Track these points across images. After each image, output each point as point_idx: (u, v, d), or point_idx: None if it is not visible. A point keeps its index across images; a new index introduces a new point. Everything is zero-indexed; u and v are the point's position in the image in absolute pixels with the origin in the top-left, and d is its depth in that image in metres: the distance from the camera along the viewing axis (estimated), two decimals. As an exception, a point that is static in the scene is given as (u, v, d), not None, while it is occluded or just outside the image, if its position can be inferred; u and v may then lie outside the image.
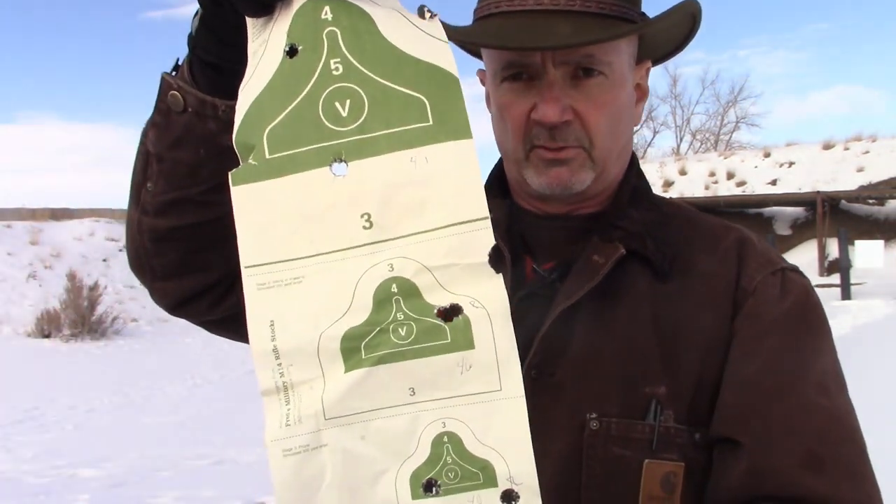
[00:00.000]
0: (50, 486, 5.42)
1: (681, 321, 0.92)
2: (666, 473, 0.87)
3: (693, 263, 0.96)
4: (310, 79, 0.65)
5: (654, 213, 1.00)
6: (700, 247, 0.97)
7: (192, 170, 0.82)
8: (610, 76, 0.92)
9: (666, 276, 0.94)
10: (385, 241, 0.63)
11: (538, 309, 0.93)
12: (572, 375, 0.90)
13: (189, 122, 0.81)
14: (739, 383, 0.89)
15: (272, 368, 0.64)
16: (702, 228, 1.00)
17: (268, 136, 0.64)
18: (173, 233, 0.87)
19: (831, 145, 25.63)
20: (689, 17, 0.98)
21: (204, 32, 0.78)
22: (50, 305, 13.92)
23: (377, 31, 0.66)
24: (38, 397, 8.70)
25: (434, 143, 0.64)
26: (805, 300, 0.94)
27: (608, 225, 0.97)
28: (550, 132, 0.91)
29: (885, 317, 12.91)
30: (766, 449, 0.85)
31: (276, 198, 0.64)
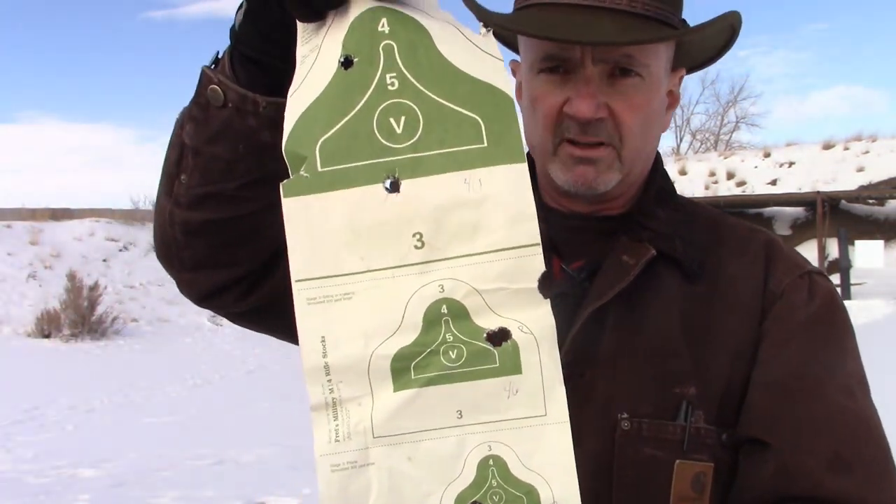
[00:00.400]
0: (50, 486, 5.42)
1: (710, 323, 0.92)
2: (696, 474, 0.88)
3: (721, 266, 0.96)
4: (365, 92, 0.64)
5: (680, 213, 1.00)
6: (727, 249, 0.98)
7: (229, 165, 0.81)
8: (646, 78, 0.92)
9: (695, 277, 0.94)
10: (436, 262, 0.63)
11: (567, 309, 0.93)
12: (603, 376, 0.90)
13: (229, 117, 0.79)
14: (767, 385, 0.90)
15: (322, 384, 0.64)
16: (728, 230, 1.01)
17: (320, 149, 0.64)
18: (205, 226, 0.85)
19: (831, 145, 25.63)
20: (728, 28, 0.97)
21: (248, 27, 0.76)
22: (50, 305, 13.91)
23: (433, 47, 0.65)
24: (38, 397, 8.70)
25: (488, 165, 0.64)
26: (831, 303, 0.95)
27: (636, 225, 0.97)
28: (582, 127, 0.91)
29: (885, 317, 12.91)
30: (793, 450, 0.86)
31: (327, 212, 0.63)
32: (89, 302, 13.85)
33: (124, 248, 18.22)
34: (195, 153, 0.82)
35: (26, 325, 13.86)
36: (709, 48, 1.02)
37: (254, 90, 0.78)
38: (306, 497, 5.17)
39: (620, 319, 0.92)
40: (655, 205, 1.00)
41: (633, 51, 0.90)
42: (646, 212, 0.99)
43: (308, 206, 0.63)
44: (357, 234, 0.63)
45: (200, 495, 5.19)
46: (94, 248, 17.72)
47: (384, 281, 0.63)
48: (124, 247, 18.24)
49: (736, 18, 0.94)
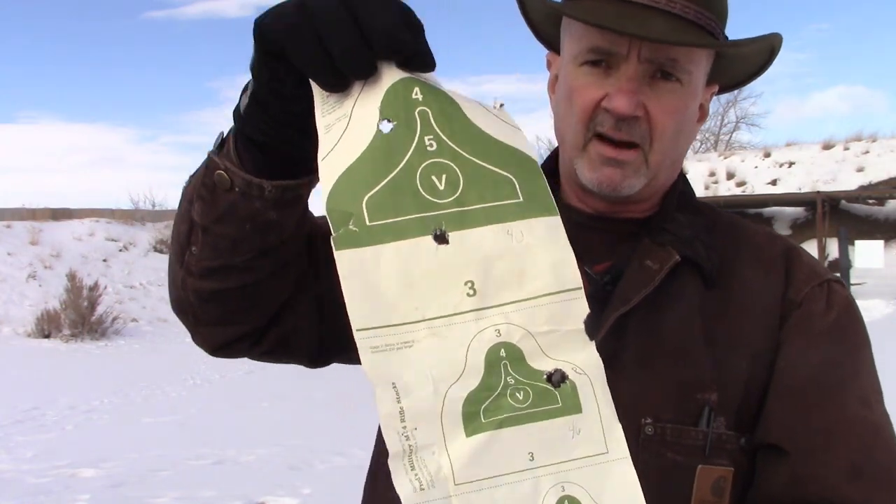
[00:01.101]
0: (50, 486, 5.42)
1: (730, 330, 0.93)
2: (717, 479, 0.89)
3: (740, 272, 0.97)
4: (405, 153, 0.67)
5: (700, 218, 1.01)
6: (747, 255, 0.98)
7: (236, 242, 0.84)
8: (686, 85, 0.92)
9: (714, 282, 0.95)
10: (489, 308, 0.65)
11: (592, 313, 0.93)
12: (626, 381, 0.90)
13: (235, 200, 0.80)
14: (786, 393, 0.91)
15: (398, 431, 0.65)
16: (747, 236, 1.01)
17: (367, 204, 0.65)
18: (215, 294, 0.89)
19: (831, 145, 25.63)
20: (767, 50, 0.97)
21: (254, 109, 0.75)
22: (50, 305, 13.92)
23: (463, 114, 0.69)
24: (38, 397, 8.70)
25: (527, 218, 0.68)
26: (849, 312, 0.96)
27: (659, 229, 0.98)
28: (617, 123, 0.91)
29: (885, 317, 12.92)
30: (809, 458, 0.87)
31: (380, 263, 0.64)
32: (89, 302, 13.85)
33: (124, 248, 18.22)
34: (204, 230, 0.85)
35: (26, 325, 13.87)
36: (746, 67, 1.02)
37: (259, 175, 0.79)
38: (306, 497, 5.17)
39: (643, 324, 0.92)
40: (677, 209, 1.00)
41: (679, 55, 0.90)
42: (666, 216, 0.99)
43: (362, 258, 0.64)
44: (411, 284, 0.64)
45: (200, 495, 5.19)
46: (94, 248, 17.72)
47: (442, 329, 0.64)
48: (124, 247, 18.24)
49: (778, 41, 0.95)
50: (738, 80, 1.05)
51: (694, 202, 1.03)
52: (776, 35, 0.94)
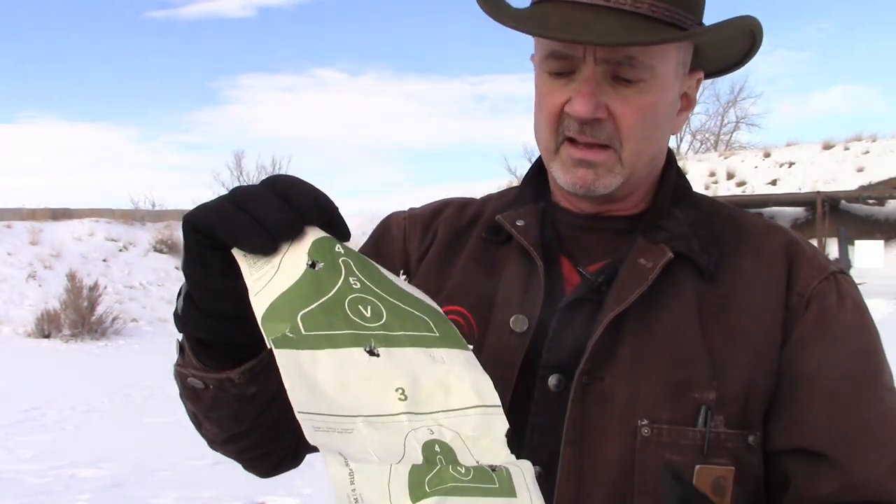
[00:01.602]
0: (50, 486, 5.42)
1: (729, 326, 0.92)
2: (716, 478, 0.88)
3: (739, 265, 0.95)
4: (334, 285, 0.74)
5: (698, 211, 1.00)
6: (746, 248, 0.97)
7: (234, 417, 0.91)
8: (650, 80, 0.90)
9: (711, 277, 0.94)
10: (420, 414, 0.70)
11: (587, 314, 0.93)
12: (622, 382, 0.90)
13: (215, 394, 0.88)
14: (819, 393, 0.89)
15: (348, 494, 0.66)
16: (746, 228, 1.00)
17: (301, 319, 0.71)
18: (242, 449, 0.99)
19: (831, 145, 25.64)
20: (746, 35, 0.95)
21: (190, 309, 0.82)
22: (50, 305, 13.92)
23: (379, 270, 0.79)
24: (38, 397, 8.70)
25: (445, 347, 0.76)
26: (859, 304, 0.95)
27: (652, 225, 0.97)
28: (581, 126, 0.91)
29: (885, 317, 12.93)
30: (853, 460, 0.87)
31: (316, 365, 0.69)
32: (89, 302, 13.86)
33: (124, 248, 18.22)
34: (204, 417, 0.94)
35: (26, 325, 13.87)
36: (729, 54, 1.00)
37: (223, 368, 0.85)
38: (306, 497, 5.17)
39: (639, 324, 0.91)
40: (672, 203, 0.99)
41: (636, 52, 0.88)
42: (661, 211, 0.98)
43: (298, 358, 0.69)
44: (345, 385, 0.69)
45: (200, 495, 5.19)
46: (94, 248, 17.72)
47: (378, 424, 0.68)
48: (124, 247, 18.24)
49: (753, 24, 0.93)
50: (722, 66, 1.04)
51: (692, 195, 1.02)
52: (747, 18, 0.92)
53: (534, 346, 0.93)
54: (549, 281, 0.96)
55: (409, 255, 1.08)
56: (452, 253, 1.05)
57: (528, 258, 0.98)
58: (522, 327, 0.94)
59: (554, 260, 0.99)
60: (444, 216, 1.10)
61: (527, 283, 0.97)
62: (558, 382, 0.91)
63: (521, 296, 0.96)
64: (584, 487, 0.88)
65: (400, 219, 1.12)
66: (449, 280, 1.02)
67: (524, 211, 1.03)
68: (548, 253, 0.98)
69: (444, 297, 0.99)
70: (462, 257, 1.04)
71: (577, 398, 0.89)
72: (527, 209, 1.03)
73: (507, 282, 0.99)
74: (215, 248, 0.76)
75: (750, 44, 0.97)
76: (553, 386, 0.91)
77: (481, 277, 1.01)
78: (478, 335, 0.96)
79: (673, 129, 0.99)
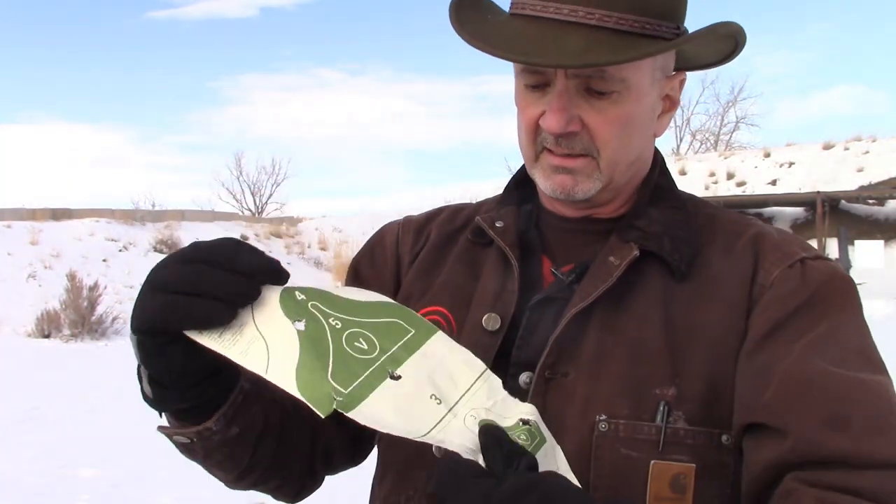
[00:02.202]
0: (50, 486, 5.42)
1: (694, 322, 0.91)
2: (675, 475, 0.87)
3: (710, 263, 0.95)
4: (327, 336, 0.81)
5: (677, 211, 1.00)
6: (718, 245, 0.97)
7: (231, 459, 0.94)
8: (623, 91, 0.91)
9: (682, 276, 0.94)
10: (454, 406, 0.80)
11: (555, 311, 0.94)
12: (585, 377, 0.90)
13: (203, 445, 0.90)
14: (752, 374, 0.88)
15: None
16: (720, 226, 1.00)
17: (334, 381, 0.77)
18: (256, 482, 1.00)
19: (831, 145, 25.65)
20: (727, 38, 0.95)
21: (157, 391, 0.85)
22: (50, 305, 13.92)
23: (334, 294, 0.86)
24: (38, 397, 8.70)
25: (426, 342, 0.85)
26: (828, 283, 0.91)
27: (627, 226, 0.98)
28: (556, 139, 0.93)
29: (885, 317, 12.94)
30: (787, 420, 0.83)
31: (375, 410, 0.77)
32: (89, 302, 13.85)
33: (124, 248, 18.22)
34: (205, 465, 0.96)
35: (26, 325, 13.87)
36: (710, 54, 1.01)
37: (201, 419, 0.88)
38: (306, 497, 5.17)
39: (605, 320, 0.92)
40: (650, 204, 1.00)
41: (607, 66, 0.89)
42: (638, 212, 0.99)
43: (364, 410, 0.77)
44: (402, 412, 0.77)
45: (200, 495, 5.19)
46: (94, 248, 17.72)
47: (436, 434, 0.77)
48: (124, 247, 18.24)
49: (733, 29, 0.93)
50: (704, 64, 1.04)
51: (674, 195, 1.02)
52: (724, 24, 0.92)
53: (507, 345, 0.95)
54: (527, 280, 0.98)
55: (401, 259, 1.10)
56: (442, 255, 1.08)
57: (505, 258, 1.00)
58: (495, 326, 0.96)
59: (535, 260, 1.01)
60: (438, 220, 1.13)
61: (503, 283, 0.99)
62: (529, 380, 0.92)
63: (497, 295, 0.98)
64: None
65: (394, 226, 1.15)
66: (436, 281, 1.05)
67: (505, 212, 1.05)
68: (529, 253, 1.01)
69: (429, 297, 1.03)
70: (450, 259, 1.06)
71: (538, 392, 0.91)
72: (507, 211, 1.05)
73: (485, 281, 1.01)
74: (173, 342, 0.79)
75: (732, 45, 0.98)
76: (524, 383, 0.93)
77: (464, 278, 1.03)
78: (456, 334, 0.98)
79: (655, 131, 0.99)
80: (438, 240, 1.09)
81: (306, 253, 21.89)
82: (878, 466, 0.78)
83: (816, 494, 0.78)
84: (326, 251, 22.27)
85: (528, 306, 0.96)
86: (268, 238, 21.82)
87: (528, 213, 1.05)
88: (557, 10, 0.88)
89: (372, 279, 1.09)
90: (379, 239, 1.14)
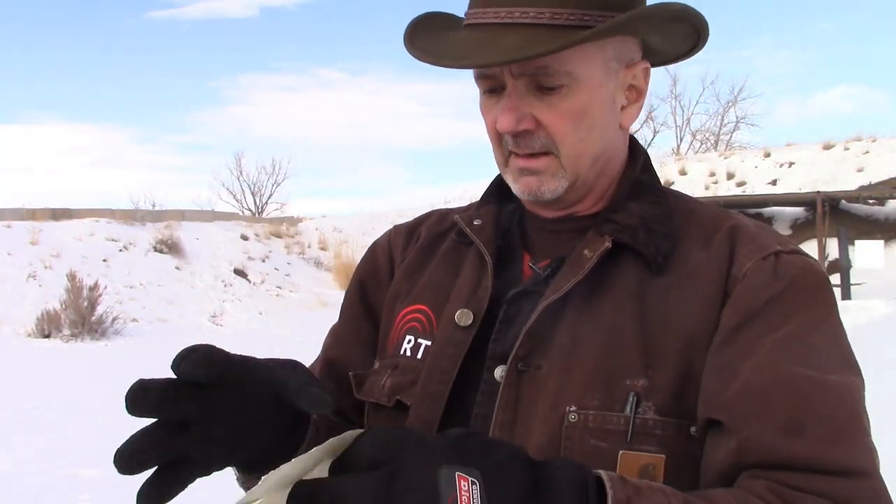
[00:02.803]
0: (50, 486, 5.42)
1: (667, 315, 0.92)
2: (644, 465, 0.87)
3: (686, 255, 0.95)
4: None
5: (657, 206, 1.00)
6: (695, 239, 0.97)
7: None
8: (571, 85, 0.91)
9: (659, 269, 0.94)
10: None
11: (529, 304, 0.95)
12: (557, 369, 0.91)
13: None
14: (718, 368, 0.88)
15: None
16: (698, 220, 1.00)
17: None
18: None
19: (831, 145, 25.65)
20: (682, 23, 0.96)
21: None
22: (50, 305, 13.92)
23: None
24: (38, 397, 8.71)
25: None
26: (800, 280, 0.91)
27: (604, 220, 0.98)
28: (515, 140, 0.95)
29: (884, 317, 12.91)
30: (744, 422, 0.83)
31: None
32: (89, 302, 13.86)
33: (124, 248, 18.22)
34: None
35: (26, 325, 13.87)
36: (674, 41, 1.01)
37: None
38: (306, 497, 5.17)
39: (577, 313, 0.93)
40: (629, 198, 1.00)
41: (549, 62, 0.89)
42: (616, 206, 1.00)
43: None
44: None
45: (200, 495, 5.18)
46: (94, 248, 17.72)
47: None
48: (124, 247, 18.24)
49: (678, 10, 0.92)
50: (674, 54, 1.04)
51: (654, 190, 1.02)
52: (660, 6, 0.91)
53: (481, 340, 0.96)
54: (505, 276, 0.99)
55: (394, 262, 1.14)
56: (429, 255, 1.10)
57: (482, 256, 1.02)
58: (467, 321, 0.97)
59: (515, 257, 1.03)
60: (428, 223, 1.15)
61: (478, 279, 1.01)
62: (503, 374, 0.93)
63: (471, 291, 1.00)
64: None
65: (384, 236, 1.19)
66: (420, 280, 1.07)
67: (483, 212, 1.07)
68: (510, 251, 1.03)
69: (413, 296, 1.06)
70: (435, 259, 1.08)
71: (509, 383, 0.92)
72: (486, 210, 1.07)
73: (462, 279, 1.03)
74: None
75: (692, 30, 0.98)
76: (499, 377, 0.94)
77: (446, 276, 1.06)
78: (436, 331, 1.00)
79: (622, 123, 0.99)
80: (426, 241, 1.12)
81: (306, 253, 21.88)
82: (831, 473, 0.79)
83: (767, 484, 0.79)
84: (326, 251, 22.27)
85: (504, 300, 0.98)
86: (268, 238, 21.81)
87: (510, 213, 1.06)
88: (496, 13, 0.91)
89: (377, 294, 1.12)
90: (374, 249, 1.18)
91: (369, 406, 1.05)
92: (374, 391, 1.04)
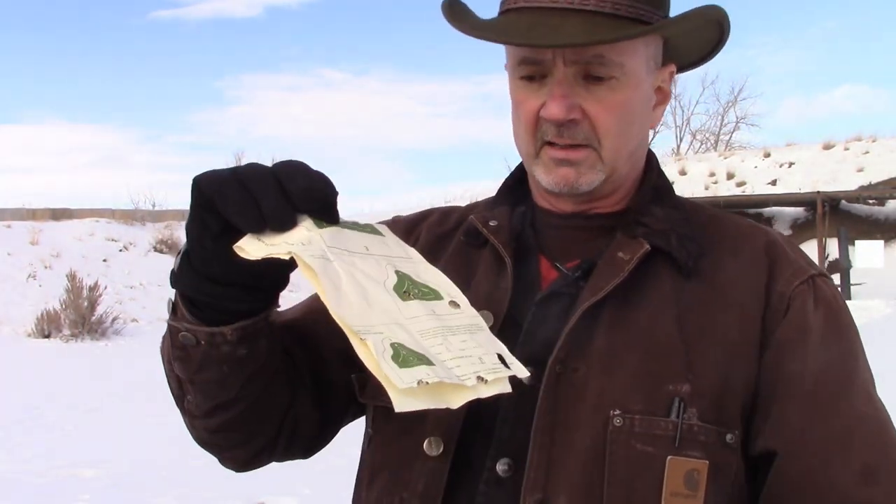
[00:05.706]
0: (50, 486, 5.42)
1: (706, 321, 0.92)
2: (689, 471, 0.88)
3: (719, 263, 0.96)
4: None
5: (678, 211, 1.01)
6: (726, 246, 0.98)
7: (221, 383, 0.92)
8: (621, 78, 0.92)
9: (690, 273, 0.95)
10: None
11: (563, 306, 0.94)
12: (596, 372, 0.90)
13: (205, 351, 0.89)
14: (791, 397, 0.90)
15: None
16: (728, 228, 1.01)
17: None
18: (224, 425, 0.98)
19: (831, 145, 25.65)
20: (714, 25, 0.97)
21: (184, 266, 0.84)
22: (50, 305, 13.92)
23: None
24: (38, 397, 8.71)
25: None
26: (837, 308, 0.96)
27: (632, 222, 0.98)
28: (558, 129, 0.93)
29: (884, 317, 12.91)
30: (823, 464, 0.87)
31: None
32: (89, 302, 13.86)
33: (124, 248, 18.22)
34: (190, 382, 0.94)
35: (26, 325, 13.87)
36: (698, 45, 1.02)
37: (218, 323, 0.87)
38: (306, 497, 5.18)
39: (615, 316, 0.92)
40: (652, 202, 1.00)
41: (604, 50, 0.90)
42: (642, 209, 0.99)
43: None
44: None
45: (200, 495, 5.19)
46: (94, 247, 17.72)
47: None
48: (124, 247, 18.24)
49: (719, 13, 0.94)
50: (694, 58, 1.05)
51: (673, 197, 1.03)
52: (712, 7, 0.93)
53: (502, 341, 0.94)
54: (522, 278, 0.98)
55: None
56: (434, 258, 1.06)
57: (499, 257, 1.00)
58: (488, 323, 0.95)
59: (530, 258, 1.01)
60: (428, 222, 1.13)
61: (497, 281, 0.99)
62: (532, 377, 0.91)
63: (490, 293, 0.98)
64: (553, 476, 0.88)
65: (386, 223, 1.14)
66: None
67: (498, 212, 1.05)
68: (524, 251, 1.01)
69: None
70: (442, 261, 1.05)
71: (549, 387, 0.90)
72: (501, 211, 1.05)
73: (479, 280, 1.01)
74: (213, 211, 0.80)
75: (718, 34, 0.99)
76: (527, 379, 0.91)
77: (457, 278, 1.01)
78: None
79: (650, 122, 1.00)
80: (429, 242, 1.09)
81: (306, 253, 21.84)
82: None
83: None
84: (326, 251, 22.23)
85: (534, 302, 0.96)
86: (268, 238, 21.79)
87: (521, 215, 1.05)
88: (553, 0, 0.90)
89: None
90: None
91: (375, 410, 1.02)
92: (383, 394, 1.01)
